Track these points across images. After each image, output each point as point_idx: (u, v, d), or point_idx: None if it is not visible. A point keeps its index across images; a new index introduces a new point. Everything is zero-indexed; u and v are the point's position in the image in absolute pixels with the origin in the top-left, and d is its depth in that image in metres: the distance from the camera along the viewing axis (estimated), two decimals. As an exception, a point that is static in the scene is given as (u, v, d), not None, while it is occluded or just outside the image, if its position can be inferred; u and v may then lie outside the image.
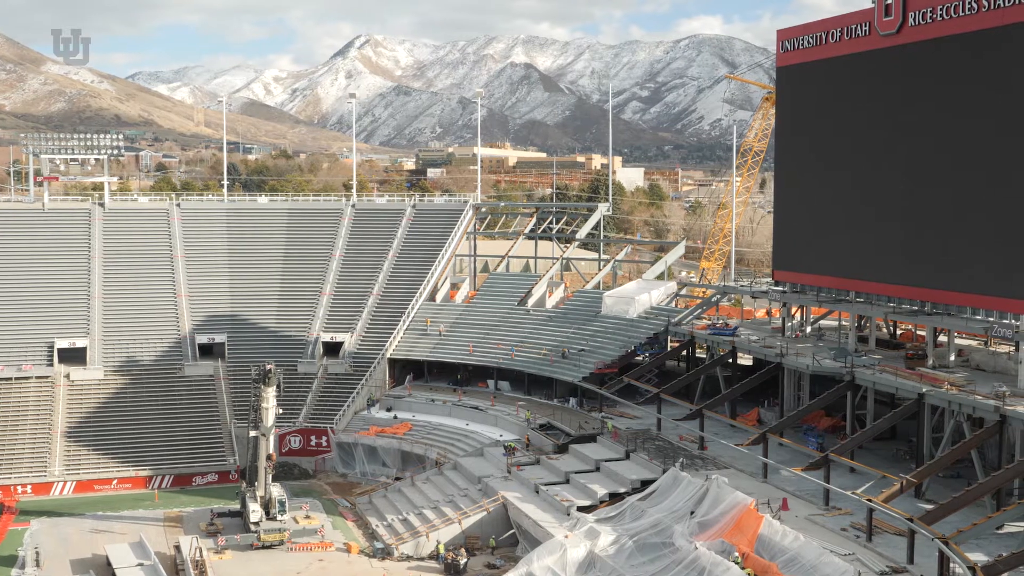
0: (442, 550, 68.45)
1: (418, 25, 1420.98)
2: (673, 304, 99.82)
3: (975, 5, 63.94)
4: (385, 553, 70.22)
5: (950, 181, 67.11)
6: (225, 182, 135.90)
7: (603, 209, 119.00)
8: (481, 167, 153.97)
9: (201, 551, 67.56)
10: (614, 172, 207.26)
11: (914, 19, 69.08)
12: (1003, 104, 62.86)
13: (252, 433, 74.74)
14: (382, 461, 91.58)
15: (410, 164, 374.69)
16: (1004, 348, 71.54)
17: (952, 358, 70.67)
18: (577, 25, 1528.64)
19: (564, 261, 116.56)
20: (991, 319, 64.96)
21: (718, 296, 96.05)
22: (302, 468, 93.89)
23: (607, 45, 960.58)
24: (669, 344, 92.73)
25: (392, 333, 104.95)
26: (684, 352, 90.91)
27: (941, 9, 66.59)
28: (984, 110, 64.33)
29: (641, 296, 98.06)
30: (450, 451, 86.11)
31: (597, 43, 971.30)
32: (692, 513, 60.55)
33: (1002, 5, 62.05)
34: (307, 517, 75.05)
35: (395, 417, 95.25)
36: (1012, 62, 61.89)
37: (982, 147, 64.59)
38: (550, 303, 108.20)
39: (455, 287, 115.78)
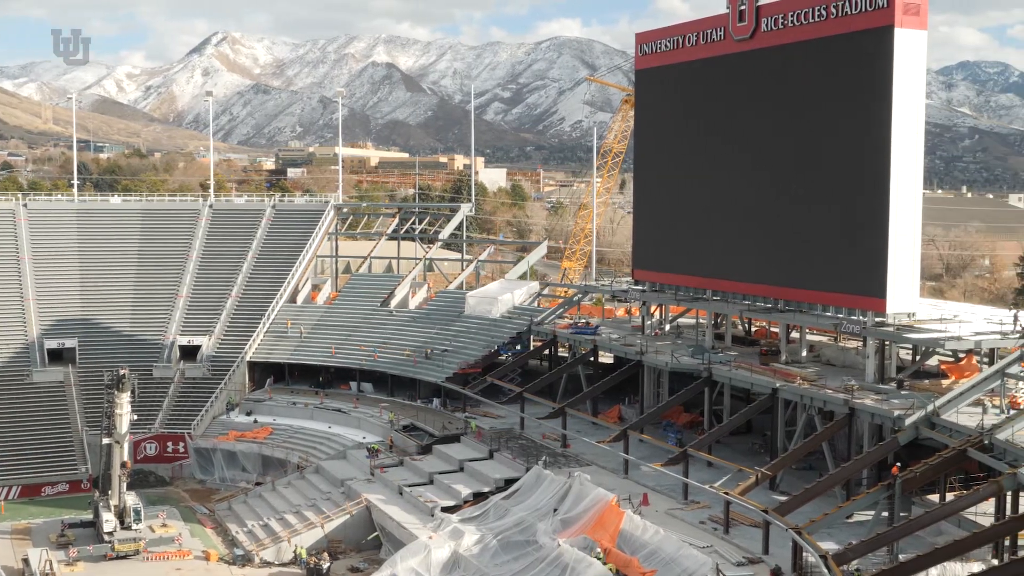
0: (304, 555, 67.45)
1: (276, 23, 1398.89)
2: (536, 304, 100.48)
3: (824, 12, 66.07)
4: (245, 560, 68.86)
5: (800, 182, 69.25)
6: (75, 181, 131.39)
7: (466, 209, 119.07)
8: (343, 167, 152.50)
9: (51, 564, 65.15)
10: (477, 173, 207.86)
11: (767, 25, 70.99)
12: (848, 108, 65.18)
13: (105, 440, 72.42)
14: (242, 466, 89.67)
15: (270, 164, 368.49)
16: (852, 343, 74.15)
17: (804, 354, 72.90)
18: (438, 25, 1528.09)
19: (427, 261, 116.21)
20: (840, 316, 67.19)
21: (579, 296, 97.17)
22: (158, 475, 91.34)
23: (469, 46, 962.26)
24: (532, 343, 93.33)
25: (252, 336, 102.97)
26: (547, 351, 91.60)
27: (792, 15, 68.62)
28: (830, 114, 66.57)
29: (504, 296, 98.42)
30: (312, 454, 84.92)
31: (459, 44, 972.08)
32: (555, 510, 60.96)
33: (849, 12, 64.30)
34: (164, 525, 73.03)
35: (255, 421, 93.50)
36: (857, 68, 64.22)
37: (829, 149, 66.80)
38: (413, 304, 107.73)
39: (316, 288, 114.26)
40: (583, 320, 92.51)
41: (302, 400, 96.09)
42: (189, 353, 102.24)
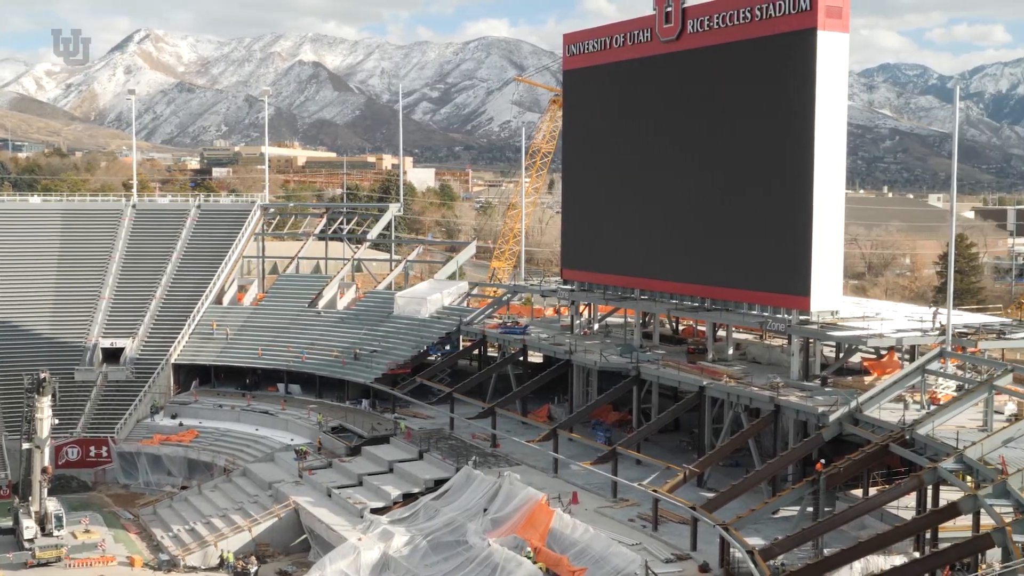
0: (231, 559, 66.63)
1: (200, 21, 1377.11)
2: (465, 304, 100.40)
3: (749, 15, 66.88)
4: (171, 565, 67.86)
5: (726, 182, 70.02)
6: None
7: (394, 209, 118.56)
8: (269, 167, 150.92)
9: (-31, 572, 63.62)
10: (405, 172, 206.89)
11: (693, 27, 71.66)
12: (772, 109, 66.05)
13: (25, 445, 70.95)
14: (167, 470, 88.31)
15: (194, 163, 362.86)
16: (778, 341, 75.18)
17: (730, 352, 73.76)
18: (365, 25, 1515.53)
19: (355, 262, 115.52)
20: (765, 314, 68.08)
21: (509, 295, 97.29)
22: (81, 480, 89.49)
23: (397, 45, 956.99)
24: (461, 343, 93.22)
25: (177, 337, 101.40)
26: (476, 351, 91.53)
27: (718, 17, 69.36)
28: (756, 115, 67.40)
29: (433, 296, 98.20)
30: (239, 457, 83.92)
31: (387, 43, 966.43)
32: (485, 510, 60.96)
33: (773, 15, 65.15)
34: (86, 531, 71.65)
35: (180, 424, 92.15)
36: (781, 69, 65.12)
37: (754, 150, 67.65)
38: (341, 304, 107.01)
39: (243, 289, 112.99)
40: (512, 320, 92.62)
41: (228, 403, 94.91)
42: (112, 356, 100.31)
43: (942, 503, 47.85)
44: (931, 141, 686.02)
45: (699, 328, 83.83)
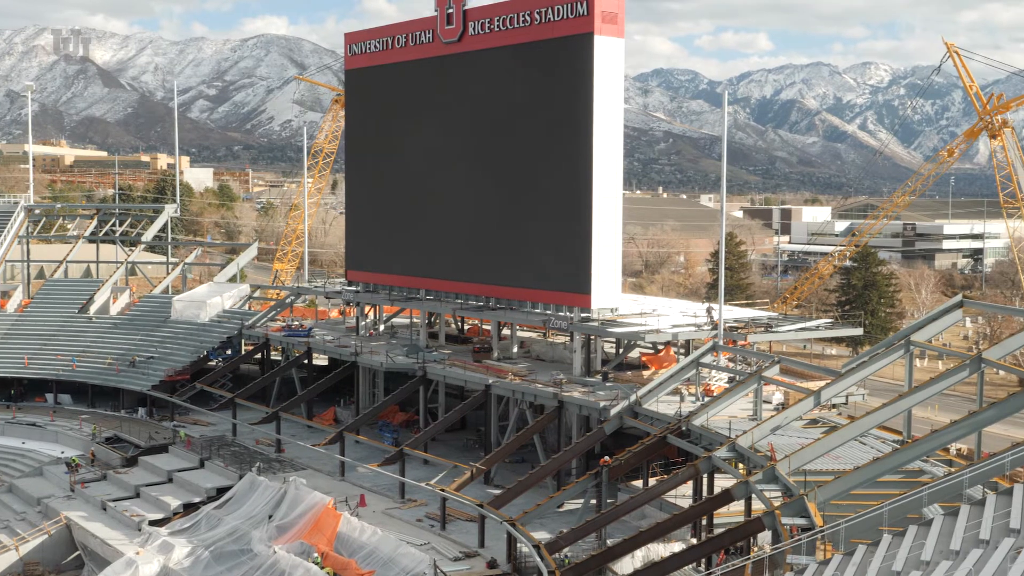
0: (-3, 581, 62.92)
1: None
2: (246, 307, 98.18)
3: (528, 18, 68.02)
4: (-71, 591, 63.45)
5: (509, 183, 71.01)
6: None
7: (170, 210, 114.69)
8: (34, 166, 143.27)
9: None
10: (182, 172, 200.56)
11: (474, 28, 72.31)
12: (552, 111, 67.40)
13: None
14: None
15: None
16: (561, 339, 76.75)
17: (515, 350, 74.81)
18: (136, 19, 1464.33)
19: (129, 265, 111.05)
20: (548, 312, 69.42)
21: (292, 297, 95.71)
22: None
23: (171, 41, 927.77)
24: (243, 348, 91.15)
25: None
26: (259, 355, 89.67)
27: (499, 20, 70.24)
28: (536, 116, 68.63)
29: (213, 299, 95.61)
30: (4, 472, 79.15)
31: (160, 38, 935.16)
32: (270, 517, 59.69)
33: (552, 19, 66.48)
34: None
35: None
36: (560, 72, 66.50)
37: (535, 151, 68.87)
38: (115, 309, 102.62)
39: (6, 295, 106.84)
40: (296, 322, 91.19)
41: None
42: None
43: (717, 490, 49.86)
44: (702, 144, 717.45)
45: (484, 327, 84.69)
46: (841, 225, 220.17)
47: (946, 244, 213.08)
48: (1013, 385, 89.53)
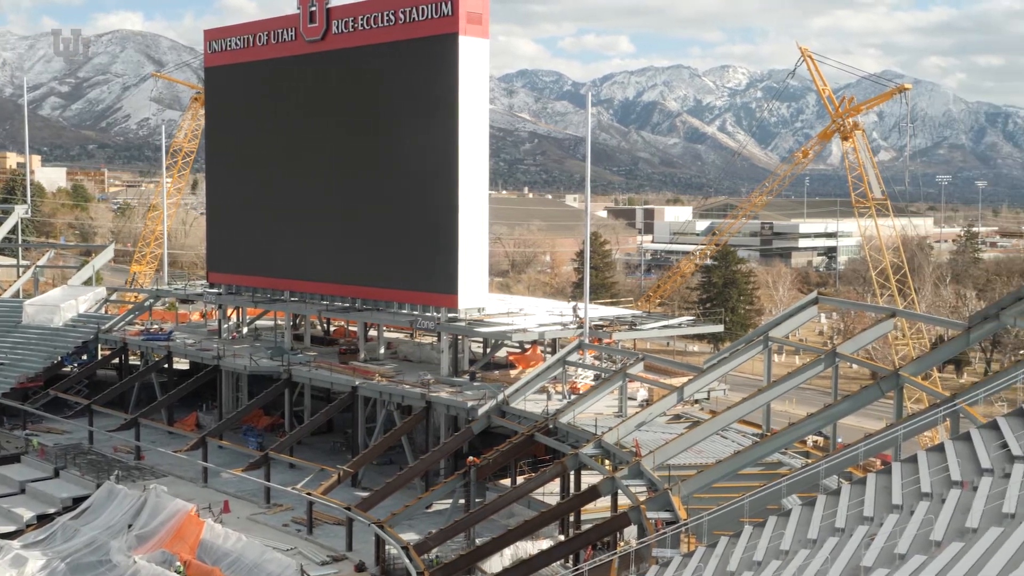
0: None
1: None
2: (103, 311, 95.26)
3: (393, 17, 67.69)
4: None
5: (375, 183, 70.56)
6: None
7: (21, 211, 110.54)
8: None
9: None
10: (32, 172, 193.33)
11: (338, 27, 71.62)
12: (418, 112, 67.24)
13: None
14: None
15: None
16: (428, 339, 76.59)
17: (382, 351, 74.35)
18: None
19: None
20: (416, 313, 69.21)
21: (151, 300, 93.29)
22: None
23: (20, 35, 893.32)
24: (100, 352, 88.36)
25: None
26: (116, 360, 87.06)
27: (363, 19, 69.72)
28: (402, 117, 68.38)
29: (67, 303, 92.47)
30: None
31: (9, 32, 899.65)
32: (130, 526, 57.98)
33: (416, 18, 66.30)
34: None
35: None
36: (425, 73, 66.36)
37: (401, 151, 68.61)
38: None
39: None
40: (156, 326, 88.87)
41: None
42: None
43: (584, 487, 50.43)
44: (567, 144, 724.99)
45: (351, 328, 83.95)
46: (702, 224, 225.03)
47: (802, 243, 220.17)
48: (866, 378, 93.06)
